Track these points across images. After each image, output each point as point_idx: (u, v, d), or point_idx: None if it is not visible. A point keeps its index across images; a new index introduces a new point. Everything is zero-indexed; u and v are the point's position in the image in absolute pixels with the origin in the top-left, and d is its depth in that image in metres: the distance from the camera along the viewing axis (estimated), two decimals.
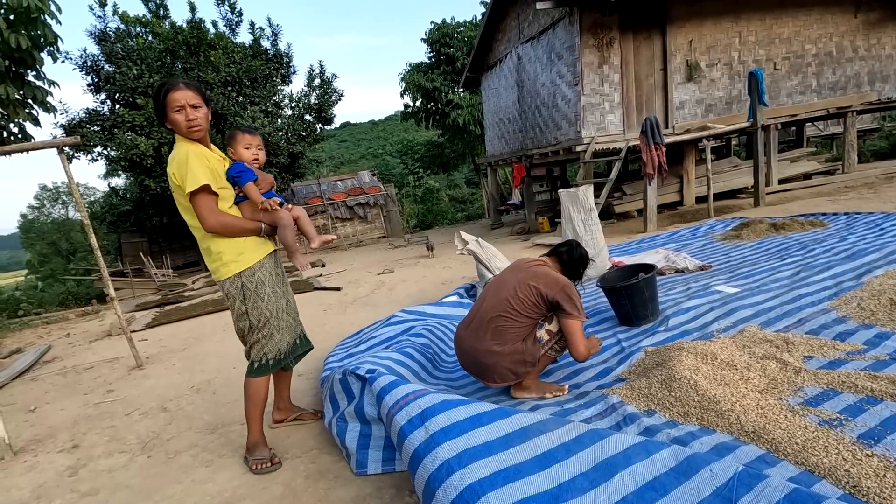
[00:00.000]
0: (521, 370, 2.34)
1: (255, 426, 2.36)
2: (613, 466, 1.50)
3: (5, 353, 6.25)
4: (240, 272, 2.20)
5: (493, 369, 2.33)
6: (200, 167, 2.08)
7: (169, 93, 2.08)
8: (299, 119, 15.77)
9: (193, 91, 2.13)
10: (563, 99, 9.21)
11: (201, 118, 2.14)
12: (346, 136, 57.41)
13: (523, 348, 2.32)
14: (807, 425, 1.74)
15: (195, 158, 2.08)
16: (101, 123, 13.21)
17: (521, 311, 2.32)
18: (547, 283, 2.33)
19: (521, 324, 2.32)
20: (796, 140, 12.36)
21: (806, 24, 9.26)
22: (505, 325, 2.32)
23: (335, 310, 5.81)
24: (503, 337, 2.31)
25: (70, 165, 4.15)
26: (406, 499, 1.91)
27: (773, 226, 5.50)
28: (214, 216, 2.11)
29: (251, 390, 2.33)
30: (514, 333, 2.32)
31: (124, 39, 13.91)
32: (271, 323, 2.29)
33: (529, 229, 11.15)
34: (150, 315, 7.64)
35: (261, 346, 2.30)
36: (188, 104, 2.09)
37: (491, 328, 2.33)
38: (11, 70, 7.70)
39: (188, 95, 2.10)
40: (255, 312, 2.24)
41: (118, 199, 18.17)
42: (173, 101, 2.08)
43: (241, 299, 2.23)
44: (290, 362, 2.49)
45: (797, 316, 2.78)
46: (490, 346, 2.32)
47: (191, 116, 2.10)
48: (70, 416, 3.52)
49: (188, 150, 2.09)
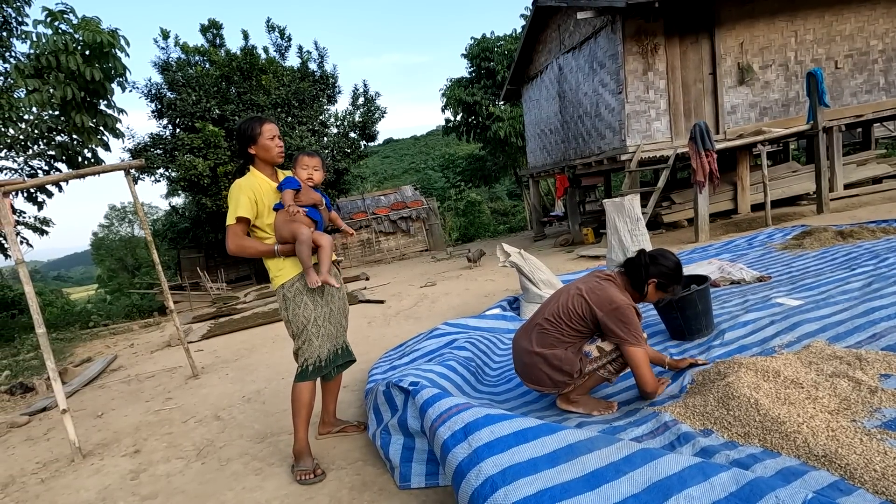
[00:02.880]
0: (558, 378, 2.29)
1: (300, 433, 2.43)
2: (667, 489, 1.42)
3: (77, 361, 6.71)
4: (282, 284, 2.40)
5: (531, 369, 2.36)
6: (247, 201, 2.33)
7: (265, 124, 2.42)
8: (344, 137, 16.29)
9: (276, 126, 2.50)
10: (606, 108, 9.04)
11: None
12: (389, 151, 58.69)
13: (563, 356, 2.27)
14: (886, 450, 1.58)
15: (245, 192, 2.34)
16: (164, 147, 14.15)
17: (567, 320, 2.28)
18: (599, 301, 2.25)
19: (565, 332, 2.29)
20: (863, 142, 11.54)
21: (871, 18, 8.69)
22: (550, 329, 2.32)
23: (379, 322, 5.89)
24: (545, 340, 2.32)
25: (135, 186, 4.44)
26: None
27: (839, 234, 5.13)
28: (233, 241, 2.37)
29: (294, 394, 2.46)
30: (557, 339, 2.30)
31: (184, 68, 14.92)
32: (309, 330, 2.41)
33: (574, 241, 10.94)
34: (206, 327, 8.02)
35: (302, 352, 2.45)
36: (276, 135, 2.44)
37: (537, 330, 2.36)
38: (86, 100, 8.39)
39: (275, 128, 2.45)
40: (294, 320, 2.41)
41: (178, 217, 19.31)
42: (269, 130, 2.41)
43: (283, 308, 2.44)
44: (332, 371, 2.55)
45: (870, 330, 2.56)
46: (532, 346, 2.35)
47: (280, 144, 2.45)
48: (133, 422, 3.73)
49: (242, 184, 2.37)
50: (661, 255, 2.38)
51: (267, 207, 2.39)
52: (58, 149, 9.05)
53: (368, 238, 18.06)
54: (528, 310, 4.40)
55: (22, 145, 8.88)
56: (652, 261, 2.35)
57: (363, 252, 18.04)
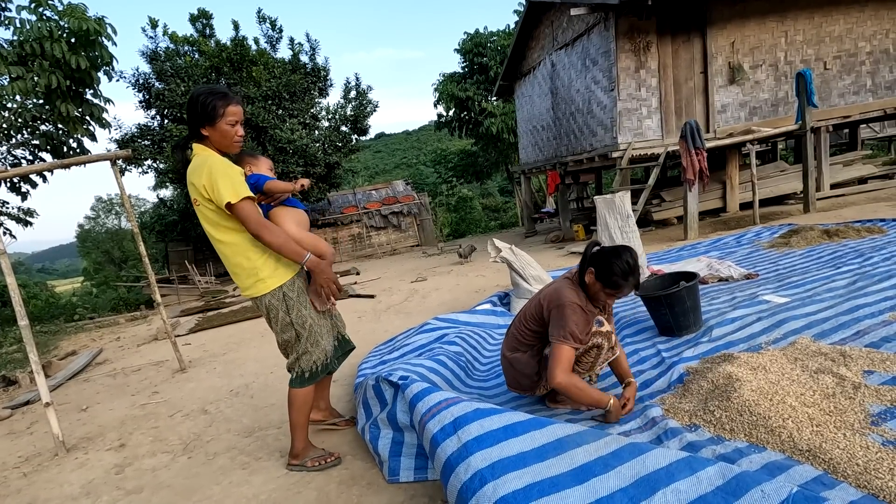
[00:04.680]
0: (523, 381, 2.32)
1: (302, 433, 2.33)
2: (655, 483, 1.43)
3: (62, 355, 6.61)
4: (281, 285, 2.16)
5: (506, 372, 2.42)
6: (239, 176, 2.06)
7: (230, 105, 2.06)
8: (335, 130, 16.16)
9: (242, 108, 2.14)
10: (598, 105, 9.07)
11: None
12: (381, 146, 58.44)
13: (523, 359, 2.30)
14: (869, 445, 1.61)
15: (236, 171, 2.07)
16: (152, 138, 13.94)
17: (527, 323, 2.29)
18: (549, 300, 2.19)
19: (526, 335, 2.30)
20: (850, 143, 11.71)
21: (859, 20, 8.79)
22: (515, 332, 2.35)
23: (369, 317, 5.87)
24: (511, 344, 2.36)
25: (122, 178, 4.37)
26: None
27: (825, 232, 5.20)
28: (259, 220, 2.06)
29: (300, 401, 2.28)
30: (520, 342, 2.32)
31: (173, 58, 14.68)
32: (314, 329, 2.25)
33: (564, 237, 10.98)
34: (194, 320, 7.94)
35: (309, 355, 2.25)
36: (240, 120, 2.12)
37: (508, 333, 2.40)
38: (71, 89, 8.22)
39: (240, 112, 2.11)
40: (298, 321, 2.20)
41: (166, 210, 19.07)
42: (232, 113, 2.06)
43: (284, 310, 2.18)
44: (335, 364, 2.48)
45: (855, 328, 2.60)
46: (505, 349, 2.40)
47: (240, 132, 2.13)
48: (118, 416, 3.68)
49: (220, 160, 2.06)
50: (612, 250, 2.15)
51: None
52: (42, 138, 8.86)
53: (359, 233, 17.99)
54: (518, 305, 4.41)
55: (5, 134, 8.69)
56: (600, 253, 2.16)
57: (354, 247, 17.96)
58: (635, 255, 2.16)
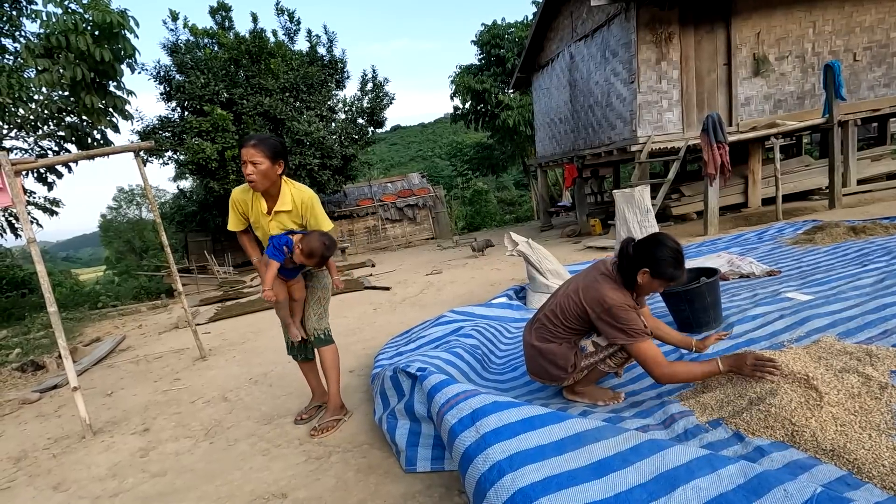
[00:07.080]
0: (553, 371, 2.29)
1: (338, 386, 2.80)
2: (674, 479, 1.42)
3: (86, 341, 6.80)
4: None
5: (530, 361, 2.41)
6: (233, 217, 2.66)
7: (242, 145, 2.43)
8: (352, 122, 16.21)
9: (259, 150, 2.38)
10: (617, 97, 8.93)
11: (257, 174, 2.40)
12: (397, 139, 58.46)
13: (557, 351, 2.27)
14: (895, 446, 1.58)
15: (232, 207, 2.64)
16: (172, 129, 14.15)
17: (563, 318, 2.26)
18: (592, 300, 2.16)
19: (561, 329, 2.28)
20: (878, 137, 11.34)
21: (892, 9, 8.49)
22: (547, 324, 2.32)
23: (385, 309, 5.91)
24: (541, 335, 2.34)
25: (144, 169, 4.45)
26: (455, 498, 1.90)
27: (851, 229, 5.06)
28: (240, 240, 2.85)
29: (334, 353, 2.78)
30: (553, 334, 2.30)
31: (193, 50, 14.84)
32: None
33: (581, 231, 10.89)
34: (213, 310, 8.09)
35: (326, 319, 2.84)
36: (248, 160, 2.39)
37: (537, 324, 2.38)
38: (96, 81, 8.37)
39: (250, 153, 2.38)
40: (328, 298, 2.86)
41: (185, 201, 19.37)
42: (242, 154, 2.42)
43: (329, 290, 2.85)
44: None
45: (881, 327, 2.54)
46: (531, 339, 2.37)
47: (245, 172, 2.43)
48: (141, 401, 3.78)
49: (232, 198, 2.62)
50: (654, 241, 2.09)
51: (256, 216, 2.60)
52: (67, 129, 9.07)
53: (375, 225, 18.08)
54: (534, 299, 4.39)
55: (32, 125, 8.91)
56: (643, 248, 2.10)
57: (369, 239, 18.07)
58: (674, 238, 2.16)
